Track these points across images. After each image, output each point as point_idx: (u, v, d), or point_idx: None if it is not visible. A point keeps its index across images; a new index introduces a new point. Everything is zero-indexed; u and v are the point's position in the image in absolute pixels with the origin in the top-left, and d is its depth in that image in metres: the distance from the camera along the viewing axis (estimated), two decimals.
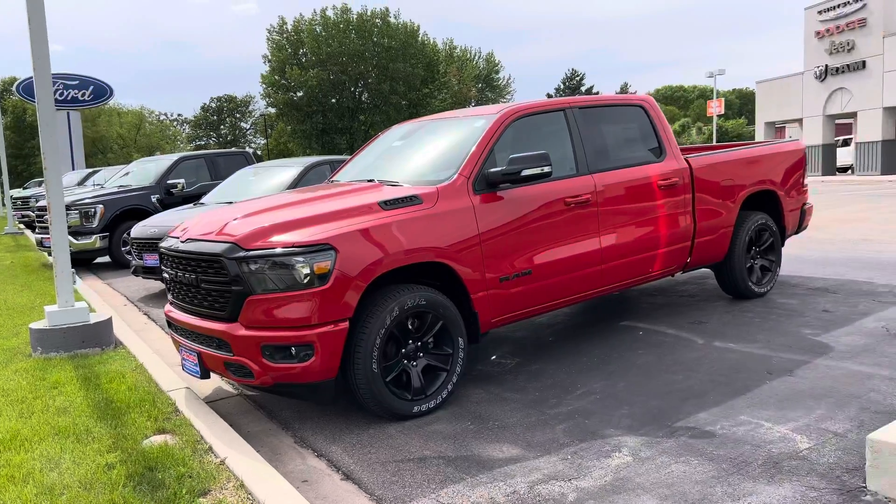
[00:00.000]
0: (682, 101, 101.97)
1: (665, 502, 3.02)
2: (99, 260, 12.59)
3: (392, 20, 56.64)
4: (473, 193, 4.53)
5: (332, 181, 5.59)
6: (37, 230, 12.77)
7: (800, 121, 35.11)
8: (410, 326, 4.21)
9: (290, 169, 9.54)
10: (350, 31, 55.52)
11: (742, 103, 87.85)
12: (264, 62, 58.41)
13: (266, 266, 3.87)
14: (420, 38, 58.37)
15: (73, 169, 28.22)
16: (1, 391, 4.83)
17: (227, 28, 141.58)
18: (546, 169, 4.56)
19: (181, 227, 4.74)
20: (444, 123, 5.48)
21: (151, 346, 6.06)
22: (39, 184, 29.59)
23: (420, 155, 5.28)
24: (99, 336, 5.98)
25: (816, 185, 24.57)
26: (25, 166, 59.84)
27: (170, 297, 4.69)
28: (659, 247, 5.56)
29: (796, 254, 8.79)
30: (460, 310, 4.41)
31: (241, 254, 3.91)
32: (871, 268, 7.74)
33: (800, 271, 7.77)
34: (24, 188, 30.96)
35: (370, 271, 3.96)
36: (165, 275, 4.65)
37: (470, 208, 4.47)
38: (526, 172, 4.53)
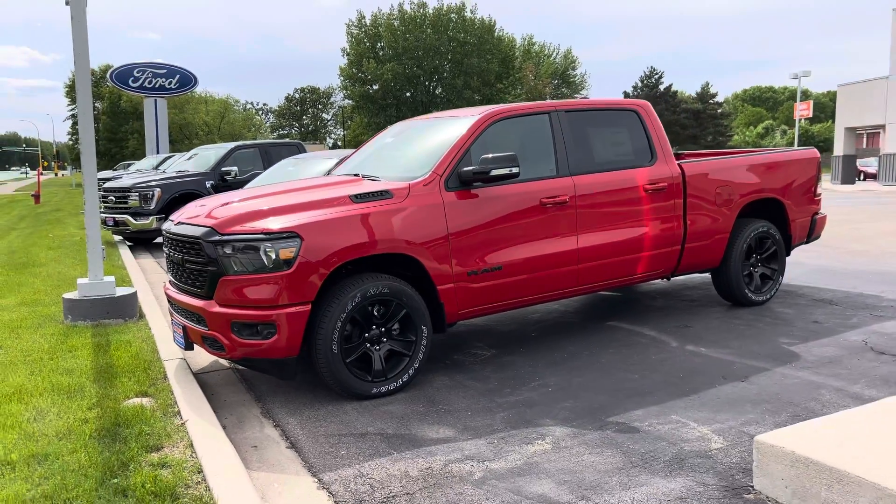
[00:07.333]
0: (772, 103, 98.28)
1: (561, 486, 3.23)
2: (159, 240, 13.45)
3: (468, 15, 56.91)
4: (446, 191, 4.78)
5: (330, 174, 5.94)
6: (102, 210, 13.70)
7: (882, 127, 33.39)
8: (375, 313, 4.50)
9: (326, 161, 9.95)
10: (426, 25, 56.13)
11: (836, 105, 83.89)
12: (343, 55, 59.81)
13: (237, 250, 4.24)
14: (496, 34, 58.41)
15: (158, 153, 29.93)
16: (24, 351, 5.42)
17: (313, 21, 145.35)
18: (514, 170, 4.76)
19: (182, 210, 5.18)
20: (432, 123, 5.74)
21: (169, 320, 6.57)
22: (127, 167, 31.38)
23: (405, 153, 5.56)
24: (122, 308, 6.54)
25: (889, 195, 23.44)
26: (118, 149, 63.30)
27: (168, 275, 5.15)
28: (642, 250, 5.66)
29: (820, 264, 8.62)
30: (428, 300, 4.69)
31: (217, 237, 4.30)
32: (888, 282, 7.52)
33: (815, 282, 7.64)
34: (114, 170, 32.79)
35: (332, 259, 4.28)
36: (165, 254, 5.11)
37: (440, 205, 4.72)
38: (495, 172, 4.74)
